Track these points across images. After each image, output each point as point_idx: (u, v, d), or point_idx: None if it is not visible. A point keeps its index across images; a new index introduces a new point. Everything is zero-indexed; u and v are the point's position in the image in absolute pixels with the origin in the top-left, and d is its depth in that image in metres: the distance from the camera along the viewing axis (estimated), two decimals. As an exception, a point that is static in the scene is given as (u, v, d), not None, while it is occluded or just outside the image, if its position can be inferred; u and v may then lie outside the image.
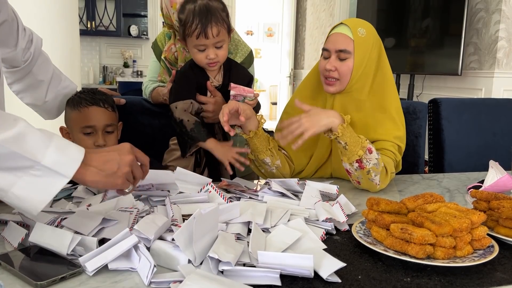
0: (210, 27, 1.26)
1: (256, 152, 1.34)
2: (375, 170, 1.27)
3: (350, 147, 1.25)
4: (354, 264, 0.83)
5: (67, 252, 0.79)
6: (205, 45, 1.29)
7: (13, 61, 1.18)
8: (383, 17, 4.25)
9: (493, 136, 1.97)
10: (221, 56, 1.33)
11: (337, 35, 1.35)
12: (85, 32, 5.85)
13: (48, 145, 0.78)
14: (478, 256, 0.84)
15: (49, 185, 0.78)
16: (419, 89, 3.86)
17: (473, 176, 1.57)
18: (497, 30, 3.15)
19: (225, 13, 1.31)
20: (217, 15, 1.27)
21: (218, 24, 1.27)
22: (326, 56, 1.37)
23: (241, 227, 0.92)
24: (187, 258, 0.78)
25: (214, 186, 1.11)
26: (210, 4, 1.28)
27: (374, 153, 1.27)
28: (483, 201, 1.06)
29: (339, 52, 1.34)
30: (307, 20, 6.18)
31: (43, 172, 0.77)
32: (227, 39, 1.33)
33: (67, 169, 0.79)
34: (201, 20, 1.25)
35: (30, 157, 0.75)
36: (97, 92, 1.38)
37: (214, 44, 1.29)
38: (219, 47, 1.31)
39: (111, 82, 6.27)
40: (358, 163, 1.26)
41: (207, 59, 1.31)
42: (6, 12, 1.05)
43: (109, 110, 1.34)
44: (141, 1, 6.37)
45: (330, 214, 1.00)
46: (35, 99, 1.30)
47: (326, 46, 1.37)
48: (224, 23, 1.29)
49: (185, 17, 1.28)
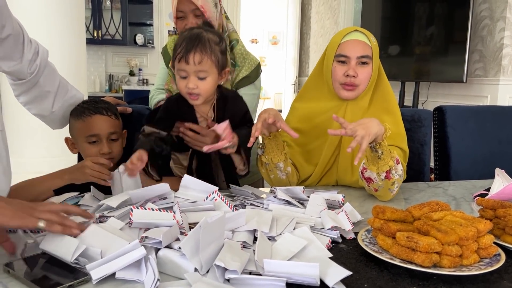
0: (193, 53, 1.18)
1: (271, 155, 1.33)
2: (399, 181, 1.28)
3: (384, 157, 1.22)
4: (360, 272, 0.83)
5: (71, 259, 0.80)
6: (186, 72, 1.20)
7: (20, 74, 1.19)
8: (387, 25, 4.26)
9: (498, 143, 1.96)
10: (203, 89, 1.22)
11: (355, 42, 1.35)
12: (92, 41, 5.90)
13: None
14: (484, 264, 0.84)
15: None
16: (424, 96, 3.86)
17: (479, 184, 1.56)
18: (502, 37, 3.15)
19: (218, 47, 1.23)
20: (206, 45, 1.20)
21: (203, 53, 1.18)
22: (343, 61, 1.36)
23: (247, 235, 0.92)
24: (194, 267, 0.78)
25: (219, 194, 1.11)
26: (203, 34, 1.22)
27: (400, 165, 1.27)
28: (489, 209, 1.05)
29: (361, 58, 1.34)
30: (311, 28, 6.21)
31: None
32: (214, 73, 1.22)
33: None
34: (187, 44, 1.19)
35: None
36: (99, 101, 1.39)
37: (196, 73, 1.20)
38: (202, 78, 1.21)
39: (117, 90, 6.31)
40: (386, 173, 1.24)
41: (186, 87, 1.21)
42: (11, 26, 1.06)
43: (112, 118, 1.35)
44: (147, 10, 6.43)
45: (336, 222, 1.00)
46: (42, 109, 1.31)
47: (344, 52, 1.35)
48: (212, 55, 1.20)
49: (177, 42, 1.23)
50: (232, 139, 1.20)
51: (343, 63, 1.36)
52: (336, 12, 5.42)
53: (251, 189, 1.28)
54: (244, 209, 1.12)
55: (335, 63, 1.38)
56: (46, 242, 0.85)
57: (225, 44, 1.26)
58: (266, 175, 1.41)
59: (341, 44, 1.37)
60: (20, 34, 1.13)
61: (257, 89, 1.66)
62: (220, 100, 1.31)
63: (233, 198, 1.23)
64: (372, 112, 1.42)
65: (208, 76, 1.22)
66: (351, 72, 1.34)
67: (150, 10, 6.42)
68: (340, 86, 1.38)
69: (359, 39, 1.36)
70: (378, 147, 1.21)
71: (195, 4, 1.45)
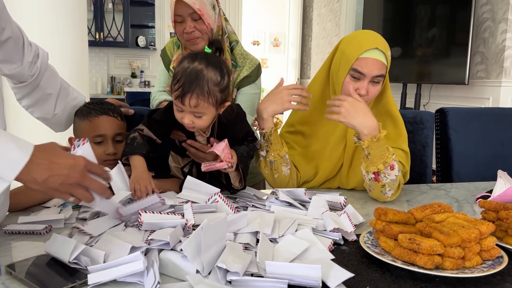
0: (189, 97, 1.12)
1: (277, 151, 1.34)
2: (391, 185, 1.28)
3: (372, 158, 1.25)
4: (362, 274, 0.83)
5: (69, 259, 0.80)
6: (182, 109, 1.17)
7: (20, 77, 1.19)
8: (389, 27, 4.26)
9: (501, 145, 1.95)
10: (198, 125, 1.19)
11: (374, 61, 1.31)
12: (94, 43, 5.92)
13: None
14: (487, 266, 0.84)
15: None
16: (426, 98, 3.86)
17: (481, 186, 1.56)
18: (504, 39, 3.15)
19: (217, 87, 1.15)
20: (204, 87, 1.12)
21: (199, 97, 1.12)
22: (357, 77, 1.33)
23: (250, 237, 0.92)
24: (195, 268, 0.78)
25: (221, 196, 1.11)
26: (203, 72, 1.13)
27: (396, 171, 1.27)
28: (491, 211, 1.05)
29: (375, 77, 1.32)
30: (313, 30, 6.21)
31: None
32: (211, 112, 1.18)
33: (8, 171, 0.77)
34: (184, 84, 1.12)
35: None
36: (105, 102, 1.40)
37: (192, 112, 1.16)
38: (198, 116, 1.17)
39: (119, 92, 6.32)
40: (374, 175, 1.27)
41: (182, 120, 1.19)
42: (10, 29, 1.07)
43: (118, 120, 1.36)
44: (148, 12, 6.44)
45: (337, 224, 1.00)
46: (45, 112, 1.31)
47: (361, 69, 1.31)
48: (210, 97, 1.14)
49: (176, 71, 1.17)
50: (230, 160, 1.17)
51: (356, 79, 1.33)
52: (337, 14, 5.43)
53: (253, 191, 1.28)
54: (246, 211, 1.12)
55: (348, 77, 1.34)
56: (49, 244, 0.85)
57: (227, 79, 1.18)
58: (270, 176, 1.40)
59: (359, 59, 1.32)
60: (19, 37, 1.13)
61: (258, 88, 1.67)
62: (221, 122, 1.28)
63: (235, 200, 1.23)
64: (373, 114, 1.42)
65: (204, 115, 1.17)
66: (363, 91, 1.32)
67: (152, 12, 6.44)
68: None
69: (378, 58, 1.32)
70: (363, 145, 1.25)
71: (193, 8, 1.45)
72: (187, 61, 1.16)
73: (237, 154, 1.22)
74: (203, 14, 1.47)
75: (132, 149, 1.20)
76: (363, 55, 1.31)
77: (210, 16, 1.51)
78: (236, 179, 1.26)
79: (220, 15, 1.59)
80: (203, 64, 1.15)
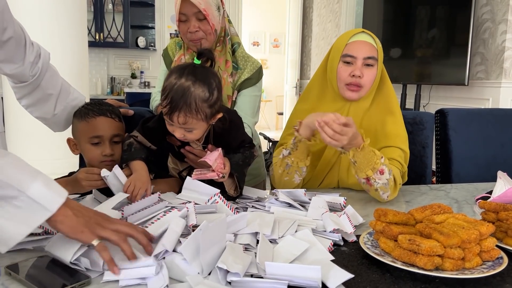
0: (177, 115, 1.10)
1: (298, 159, 1.33)
2: (383, 189, 1.28)
3: (359, 166, 1.25)
4: (362, 275, 0.83)
5: (70, 260, 0.80)
6: (172, 124, 1.15)
7: (21, 76, 1.19)
8: (389, 28, 4.26)
9: (501, 146, 1.95)
10: (190, 138, 1.18)
11: (362, 43, 1.36)
12: (94, 44, 5.92)
13: (35, 178, 0.77)
14: (487, 267, 0.84)
15: (29, 217, 0.76)
16: (425, 99, 3.86)
17: (481, 187, 1.56)
18: (504, 40, 3.15)
19: (206, 104, 1.11)
20: (192, 104, 1.09)
21: (187, 115, 1.10)
22: (349, 62, 1.36)
23: (251, 238, 0.92)
24: (197, 270, 0.78)
25: (221, 197, 1.11)
26: (190, 89, 1.09)
27: (386, 175, 1.26)
28: (491, 212, 1.05)
29: (367, 59, 1.35)
30: (313, 31, 6.21)
31: (26, 203, 0.76)
32: (201, 126, 1.16)
33: (51, 203, 0.78)
34: (171, 101, 1.09)
35: (17, 186, 0.75)
36: (103, 103, 1.40)
37: (182, 127, 1.14)
38: (189, 131, 1.15)
39: (119, 93, 6.32)
40: (365, 180, 1.27)
41: (173, 133, 1.18)
42: (12, 29, 1.06)
43: (116, 121, 1.36)
44: (148, 13, 6.44)
45: (337, 225, 1.00)
46: (44, 112, 1.31)
47: (351, 52, 1.36)
48: (198, 114, 1.11)
49: (165, 85, 1.13)
50: (223, 170, 1.16)
51: (349, 64, 1.37)
52: (337, 15, 5.43)
53: (256, 193, 1.27)
54: (246, 211, 1.12)
55: (341, 64, 1.38)
56: (51, 244, 0.85)
57: (215, 94, 1.14)
58: (279, 176, 1.39)
59: (348, 45, 1.38)
60: (21, 37, 1.13)
61: (259, 90, 1.67)
62: (215, 131, 1.26)
63: (235, 200, 1.23)
64: (374, 113, 1.43)
65: (195, 130, 1.16)
66: (357, 72, 1.34)
67: (152, 13, 6.44)
68: (345, 86, 1.39)
69: (366, 40, 1.37)
70: (349, 156, 1.24)
71: (198, 7, 1.45)
72: (174, 76, 1.12)
73: (232, 163, 1.20)
74: (208, 14, 1.47)
75: (131, 155, 1.21)
76: (351, 40, 1.37)
77: (215, 16, 1.51)
78: (231, 188, 1.24)
79: (224, 16, 1.59)
80: (190, 80, 1.10)
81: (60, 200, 0.79)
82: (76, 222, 0.80)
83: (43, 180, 0.78)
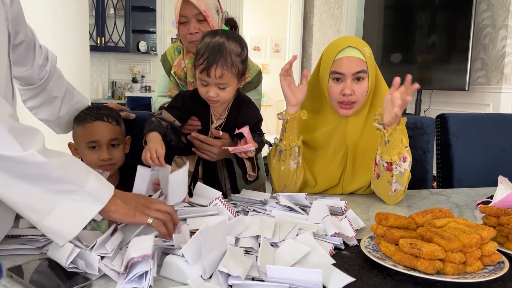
0: (215, 67, 1.20)
1: (289, 140, 1.34)
2: (398, 178, 1.29)
3: (391, 146, 1.27)
4: (363, 279, 0.83)
5: (65, 264, 0.80)
6: (207, 82, 1.24)
7: (30, 79, 1.19)
8: (389, 33, 4.28)
9: (501, 151, 1.96)
10: (222, 97, 1.26)
11: (348, 59, 1.33)
12: (95, 48, 5.93)
13: (89, 174, 0.84)
14: (488, 272, 0.84)
15: (84, 210, 0.81)
16: (426, 104, 3.86)
17: (482, 191, 1.56)
18: (504, 45, 3.16)
19: (239, 58, 1.24)
20: (227, 58, 1.21)
21: (224, 67, 1.20)
22: (339, 78, 1.35)
23: (252, 241, 0.92)
24: (198, 272, 0.78)
25: (222, 200, 1.12)
26: (225, 44, 1.22)
27: (407, 164, 1.29)
28: (492, 217, 1.05)
29: (356, 74, 1.33)
30: (313, 36, 6.23)
31: (82, 197, 0.81)
32: (234, 83, 1.26)
33: (103, 195, 0.84)
34: (208, 57, 1.20)
35: (75, 181, 0.80)
36: (102, 107, 1.40)
37: (217, 84, 1.23)
38: (222, 88, 1.24)
39: (120, 97, 6.33)
40: (387, 164, 1.29)
41: (207, 94, 1.26)
42: (25, 33, 1.07)
43: (113, 125, 1.36)
44: (150, 17, 6.46)
45: (338, 229, 1.00)
46: (49, 114, 1.32)
47: (339, 69, 1.33)
48: (233, 68, 1.22)
49: (199, 47, 1.24)
50: (254, 144, 1.22)
51: (339, 81, 1.35)
52: (338, 20, 5.45)
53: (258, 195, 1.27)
54: (247, 215, 1.12)
55: (331, 82, 1.36)
56: (52, 248, 0.85)
57: (246, 51, 1.27)
58: (276, 167, 1.39)
59: (335, 61, 1.35)
60: (32, 40, 1.13)
61: (259, 94, 1.68)
62: (236, 103, 1.34)
63: (236, 204, 1.23)
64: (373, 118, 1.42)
65: (228, 86, 1.25)
66: (348, 91, 1.33)
67: (153, 18, 6.46)
68: (338, 104, 1.37)
69: (352, 55, 1.34)
70: (387, 133, 1.26)
71: (198, 9, 1.46)
72: (208, 37, 1.24)
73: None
74: (208, 16, 1.48)
75: (150, 129, 1.25)
76: (338, 56, 1.35)
77: (215, 19, 1.51)
78: (250, 168, 1.29)
79: (223, 21, 1.60)
80: (224, 37, 1.23)
81: (110, 192, 0.86)
82: (127, 208, 0.88)
83: (95, 175, 0.85)
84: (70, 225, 0.80)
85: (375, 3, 4.39)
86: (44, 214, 0.78)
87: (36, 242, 0.92)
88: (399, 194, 1.33)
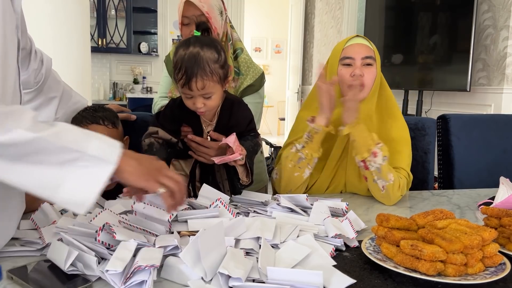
0: (195, 80, 1.16)
1: (312, 150, 1.36)
2: (377, 174, 1.32)
3: (358, 145, 1.33)
4: (364, 280, 0.83)
5: (65, 268, 0.80)
6: (191, 95, 1.20)
7: (26, 84, 1.19)
8: (391, 34, 4.27)
9: (503, 152, 1.95)
10: (210, 106, 1.23)
11: (358, 45, 1.40)
12: (96, 49, 5.95)
13: (89, 137, 0.80)
14: (489, 273, 0.83)
15: (96, 174, 0.78)
16: (427, 105, 3.85)
17: (483, 192, 1.56)
18: (506, 46, 3.15)
19: (217, 64, 1.19)
20: (206, 68, 1.16)
21: (204, 78, 1.16)
22: (348, 63, 1.39)
23: (253, 243, 0.92)
24: (199, 274, 0.78)
25: (223, 201, 1.11)
26: (201, 54, 1.16)
27: (379, 159, 1.31)
28: (494, 218, 1.05)
29: (365, 59, 1.38)
30: (315, 37, 6.23)
31: (90, 162, 0.78)
32: (218, 90, 1.22)
33: (110, 155, 0.80)
34: (187, 70, 1.15)
35: (77, 148, 0.77)
36: (98, 109, 1.39)
37: (201, 95, 1.19)
38: (208, 97, 1.21)
39: (121, 98, 6.34)
40: (363, 163, 1.33)
41: (194, 106, 1.22)
42: (25, 40, 1.07)
43: (109, 127, 1.35)
44: (151, 19, 6.48)
45: (339, 230, 0.99)
46: (46, 116, 1.32)
47: (349, 54, 1.39)
48: (213, 76, 1.17)
49: (175, 61, 1.19)
50: (242, 151, 1.20)
51: (349, 66, 1.40)
52: (339, 21, 5.45)
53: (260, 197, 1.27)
54: (247, 216, 1.12)
55: (341, 67, 1.41)
56: (50, 250, 0.85)
57: (223, 55, 1.22)
58: (289, 171, 1.39)
59: (345, 48, 1.41)
60: (29, 46, 1.14)
61: (261, 97, 1.67)
62: (225, 106, 1.31)
63: (237, 205, 1.23)
64: (378, 118, 1.44)
65: (213, 94, 1.21)
66: (358, 71, 1.37)
67: (155, 19, 6.48)
68: (348, 88, 1.40)
69: (362, 42, 1.41)
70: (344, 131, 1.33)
71: (201, 10, 1.46)
72: (182, 49, 1.19)
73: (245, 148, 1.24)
74: (211, 17, 1.48)
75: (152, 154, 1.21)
76: (347, 44, 1.41)
77: (218, 20, 1.51)
78: (244, 174, 1.28)
79: (226, 21, 1.60)
80: (198, 46, 1.18)
81: (118, 151, 0.81)
82: (141, 170, 0.85)
83: (96, 137, 0.81)
84: (86, 192, 0.77)
85: (376, 4, 4.39)
86: (55, 188, 0.76)
87: (36, 244, 0.92)
88: (390, 191, 1.33)
